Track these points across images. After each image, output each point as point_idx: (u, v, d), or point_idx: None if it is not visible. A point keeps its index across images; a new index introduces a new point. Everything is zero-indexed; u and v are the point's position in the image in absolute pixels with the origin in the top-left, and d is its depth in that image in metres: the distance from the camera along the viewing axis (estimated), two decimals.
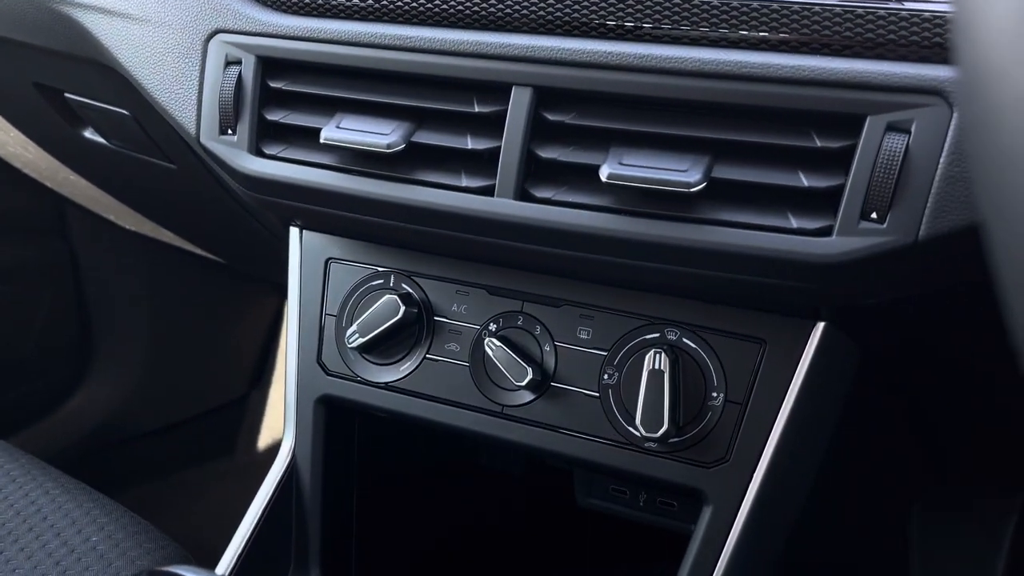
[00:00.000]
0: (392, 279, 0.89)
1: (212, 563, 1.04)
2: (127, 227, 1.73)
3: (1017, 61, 0.33)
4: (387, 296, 0.86)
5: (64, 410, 1.80)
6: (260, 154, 0.82)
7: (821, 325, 0.74)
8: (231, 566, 0.85)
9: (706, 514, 0.77)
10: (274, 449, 2.18)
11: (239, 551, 0.86)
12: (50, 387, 1.77)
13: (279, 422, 2.18)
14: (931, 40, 0.61)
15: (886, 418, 0.95)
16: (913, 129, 0.61)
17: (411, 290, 0.87)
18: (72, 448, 1.80)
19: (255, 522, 0.88)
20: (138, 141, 1.14)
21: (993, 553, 1.42)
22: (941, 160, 0.61)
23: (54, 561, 1.01)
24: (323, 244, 0.92)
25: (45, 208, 1.71)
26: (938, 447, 1.05)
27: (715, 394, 0.77)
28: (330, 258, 0.92)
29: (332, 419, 0.92)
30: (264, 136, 0.82)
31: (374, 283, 0.89)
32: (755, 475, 0.76)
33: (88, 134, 1.26)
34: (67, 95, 1.17)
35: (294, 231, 0.94)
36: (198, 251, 1.72)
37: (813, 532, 0.96)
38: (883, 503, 1.27)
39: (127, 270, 1.83)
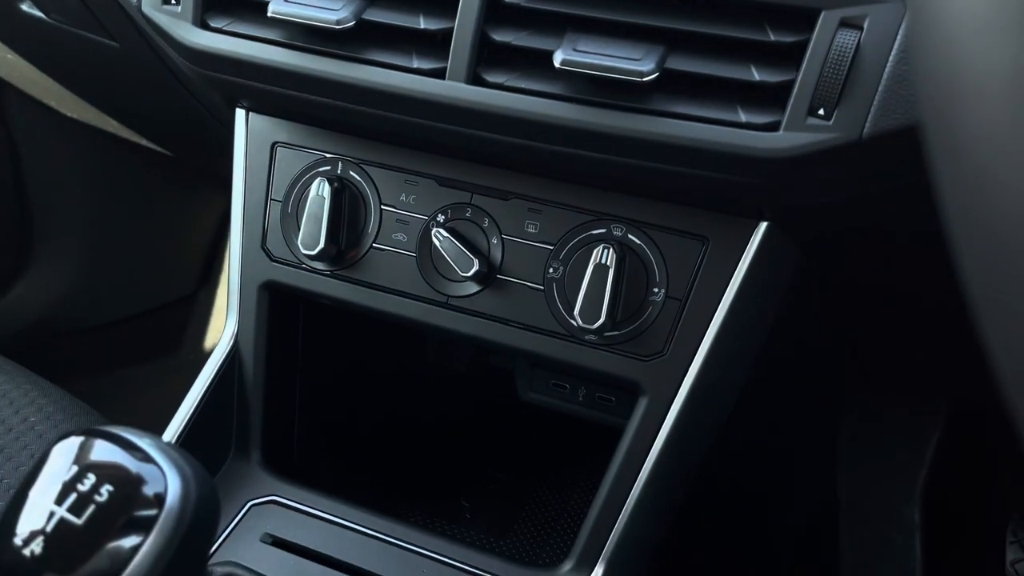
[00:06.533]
0: (339, 166, 0.87)
1: None
2: (68, 114, 1.67)
3: None
4: (314, 194, 0.84)
5: (3, 300, 1.77)
6: (205, 27, 0.79)
7: (763, 225, 0.75)
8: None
9: (641, 405, 0.79)
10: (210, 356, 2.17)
11: (177, 433, 0.86)
12: None
13: None
14: None
15: (819, 324, 0.97)
16: (866, 25, 0.61)
17: (352, 176, 0.86)
18: (11, 339, 1.77)
19: (195, 405, 0.89)
20: (78, 15, 1.09)
21: (916, 466, 1.49)
22: (890, 58, 0.61)
23: None
24: (269, 128, 0.90)
25: None
26: (867, 355, 1.09)
27: (656, 290, 0.78)
28: (276, 142, 0.90)
29: (276, 305, 0.91)
30: (209, 7, 0.79)
31: (320, 169, 0.88)
32: (690, 369, 0.77)
33: (25, 7, 1.20)
34: None
35: (240, 113, 0.92)
36: (144, 143, 1.67)
37: (744, 438, 0.99)
38: (813, 412, 1.31)
39: (68, 159, 1.78)
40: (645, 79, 0.65)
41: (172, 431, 0.87)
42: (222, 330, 2.30)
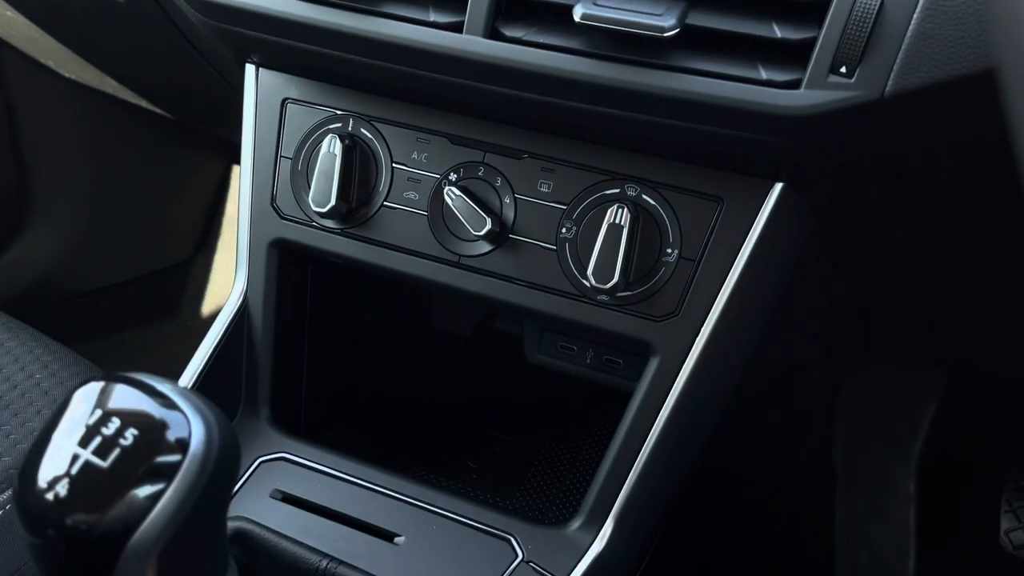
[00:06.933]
0: (351, 123, 0.86)
1: None
2: (67, 75, 1.65)
3: None
4: (325, 151, 0.83)
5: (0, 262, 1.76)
6: None
7: (779, 186, 0.74)
8: None
9: (652, 365, 0.79)
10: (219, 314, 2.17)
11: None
12: None
13: (225, 288, 2.17)
14: None
15: (827, 289, 0.98)
16: None
17: (363, 133, 0.85)
18: (8, 302, 1.76)
19: (204, 362, 0.88)
20: None
21: (912, 437, 1.50)
22: (915, 16, 0.61)
23: None
24: (280, 84, 0.89)
25: None
26: (873, 321, 1.09)
27: (670, 250, 0.78)
28: (287, 99, 0.89)
29: (285, 263, 0.91)
30: None
31: (331, 126, 0.87)
32: (702, 330, 0.77)
33: None
34: None
35: (250, 69, 0.91)
36: (144, 105, 1.66)
37: (748, 401, 1.00)
38: (814, 378, 1.32)
39: (67, 121, 1.76)
40: (666, 35, 0.65)
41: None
42: (220, 295, 2.30)
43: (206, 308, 2.15)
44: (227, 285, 2.37)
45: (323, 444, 0.89)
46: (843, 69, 0.63)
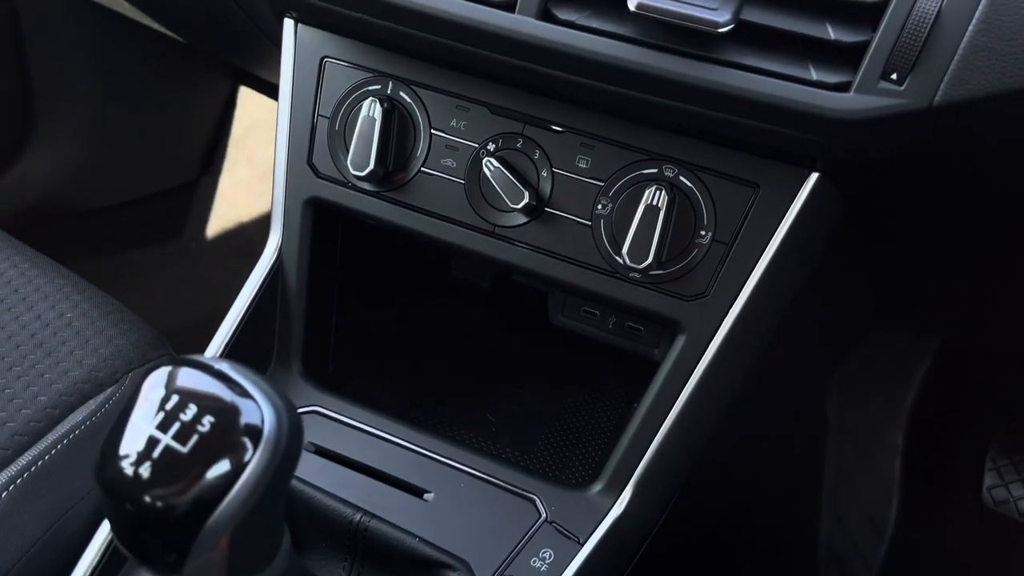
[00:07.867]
0: (390, 85, 0.87)
1: (176, 344, 1.06)
2: None
3: None
4: (365, 114, 0.84)
5: (4, 179, 1.75)
6: None
7: (814, 176, 0.76)
8: (218, 354, 0.88)
9: (679, 342, 0.82)
10: (223, 236, 2.17)
11: (226, 341, 0.88)
12: None
13: (229, 211, 2.17)
14: None
15: (846, 266, 1.00)
16: None
17: (402, 97, 0.85)
18: (13, 218, 1.76)
19: (240, 316, 0.90)
20: None
21: (903, 392, 1.55)
22: (971, 26, 0.62)
23: (29, 334, 1.02)
24: (319, 41, 0.89)
25: None
26: (886, 294, 1.12)
27: (704, 232, 0.79)
28: (325, 57, 0.89)
29: (320, 221, 0.92)
30: None
31: (371, 88, 0.87)
32: (731, 311, 0.80)
33: None
34: None
35: (288, 24, 0.90)
36: (152, 25, 1.63)
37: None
38: (820, 343, 1.36)
39: (72, 37, 1.72)
40: (720, 30, 0.65)
41: (219, 340, 0.89)
42: (224, 217, 2.29)
43: (210, 230, 2.16)
44: (231, 208, 2.36)
45: (350, 397, 0.92)
46: (894, 76, 0.64)
